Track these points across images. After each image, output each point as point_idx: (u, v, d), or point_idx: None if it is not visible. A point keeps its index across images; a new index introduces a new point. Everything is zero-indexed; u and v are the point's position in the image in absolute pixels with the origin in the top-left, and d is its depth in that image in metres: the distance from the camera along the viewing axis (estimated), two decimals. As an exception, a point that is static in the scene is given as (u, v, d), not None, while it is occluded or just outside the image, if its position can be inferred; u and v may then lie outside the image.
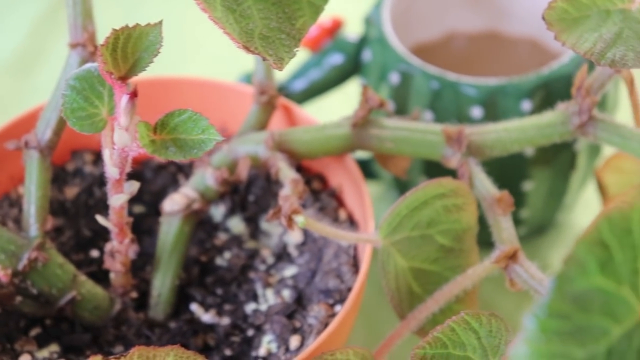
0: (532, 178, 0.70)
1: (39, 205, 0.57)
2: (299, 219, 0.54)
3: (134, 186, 0.53)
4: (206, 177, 0.60)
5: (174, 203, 0.59)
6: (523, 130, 0.59)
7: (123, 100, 0.48)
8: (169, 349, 0.49)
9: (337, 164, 0.62)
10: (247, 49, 0.48)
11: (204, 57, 0.90)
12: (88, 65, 0.50)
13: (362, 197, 0.60)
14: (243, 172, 0.59)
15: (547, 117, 0.59)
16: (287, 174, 0.57)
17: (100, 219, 0.55)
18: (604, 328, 0.36)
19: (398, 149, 0.60)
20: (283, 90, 0.72)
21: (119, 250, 0.56)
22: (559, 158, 0.70)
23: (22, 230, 0.57)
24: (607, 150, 0.74)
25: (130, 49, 0.48)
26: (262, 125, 0.62)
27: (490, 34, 0.79)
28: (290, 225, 0.54)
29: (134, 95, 0.48)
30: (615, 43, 0.52)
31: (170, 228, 0.59)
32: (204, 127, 0.48)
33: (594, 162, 0.73)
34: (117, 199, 0.53)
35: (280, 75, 0.74)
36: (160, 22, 0.49)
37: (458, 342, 0.50)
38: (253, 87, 0.62)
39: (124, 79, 0.48)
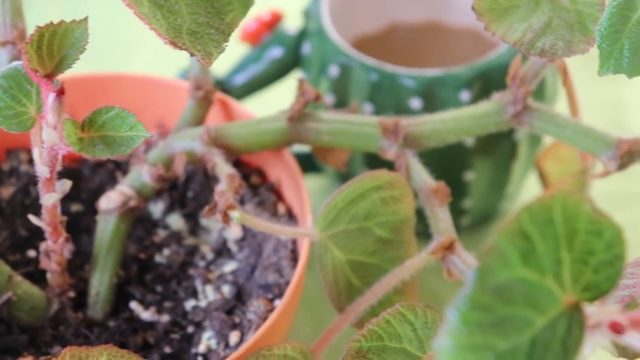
0: (474, 168, 0.70)
1: (-28, 206, 0.57)
2: (235, 215, 0.53)
3: (65, 185, 0.53)
4: (142, 174, 0.59)
5: (110, 201, 0.59)
6: (459, 120, 0.59)
7: (50, 98, 0.48)
8: (102, 348, 0.49)
9: (275, 158, 0.62)
10: (174, 44, 0.47)
11: (147, 54, 0.90)
12: (15, 63, 0.50)
13: (300, 191, 0.60)
14: (179, 168, 0.59)
15: (483, 107, 0.59)
16: (223, 169, 0.57)
17: (33, 218, 0.54)
18: (527, 319, 0.36)
19: (335, 141, 0.60)
20: (223, 85, 0.72)
21: (54, 250, 0.56)
22: (499, 148, 0.70)
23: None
24: (548, 139, 0.74)
25: (56, 46, 0.48)
26: (199, 120, 0.61)
27: (432, 25, 0.79)
28: (226, 221, 0.54)
29: (61, 92, 0.48)
30: (545, 32, 0.52)
31: (106, 226, 0.59)
32: (132, 124, 0.47)
33: (535, 151, 0.73)
34: (49, 198, 0.52)
35: (220, 70, 0.73)
36: (86, 19, 0.48)
37: (394, 334, 0.50)
38: (189, 82, 0.61)
39: (50, 76, 0.47)
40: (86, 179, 0.64)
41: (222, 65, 0.74)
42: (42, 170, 0.51)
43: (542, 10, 0.53)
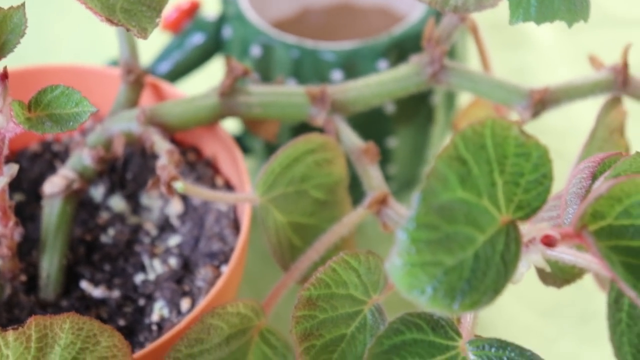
0: (395, 134, 0.73)
1: None
2: (178, 185, 0.56)
3: (13, 169, 0.54)
4: (83, 157, 0.61)
5: (54, 185, 0.61)
6: (382, 84, 0.62)
7: (-5, 82, 0.50)
8: (65, 316, 0.51)
9: (209, 134, 0.65)
10: (110, 21, 0.50)
11: (66, 51, 0.92)
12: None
13: (237, 162, 0.62)
14: (119, 148, 0.61)
15: (403, 70, 0.63)
16: (161, 146, 0.59)
17: (-19, 204, 0.56)
18: (469, 236, 0.40)
19: (266, 113, 0.63)
20: (148, 73, 0.74)
21: (4, 234, 0.58)
22: (417, 113, 0.73)
23: None
24: (463, 102, 0.78)
25: (-4, 32, 0.50)
26: (133, 103, 0.64)
27: (342, 6, 0.83)
28: (170, 192, 0.56)
29: (4, 77, 0.50)
30: (457, -10, 0.56)
31: (52, 209, 0.61)
32: (77, 100, 0.50)
33: (451, 115, 0.77)
34: (-1, 182, 0.54)
35: (145, 60, 0.76)
36: (23, 5, 0.51)
37: (340, 281, 0.53)
38: (120, 67, 0.64)
39: (-8, 61, 0.50)
40: (25, 169, 0.66)
41: (145, 54, 0.76)
42: (-11, 154, 0.53)
43: (452, -29, 0.56)
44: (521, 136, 0.41)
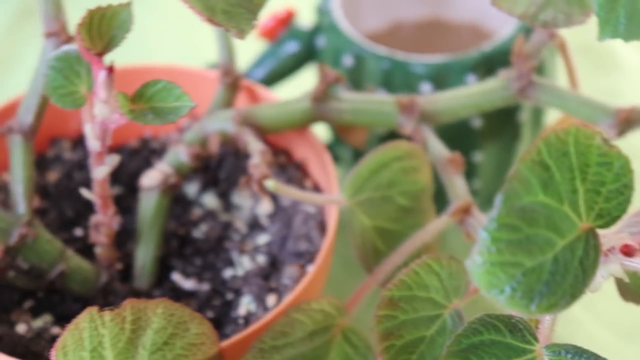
0: (481, 149, 0.75)
1: (26, 185, 0.61)
2: (269, 183, 0.58)
3: (114, 159, 0.57)
4: (180, 154, 0.64)
5: (151, 179, 0.64)
6: (469, 96, 0.64)
7: (101, 74, 0.53)
8: (158, 301, 0.53)
9: (300, 138, 0.67)
10: (211, 21, 0.52)
11: (162, 54, 0.95)
12: (66, 47, 0.55)
13: (326, 166, 0.64)
14: (214, 146, 0.64)
15: (491, 83, 0.64)
16: (255, 146, 0.62)
17: (85, 192, 0.59)
18: (549, 239, 0.41)
19: (356, 119, 0.65)
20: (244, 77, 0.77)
21: (103, 223, 0.61)
22: (504, 129, 0.75)
23: (10, 209, 0.61)
24: (549, 120, 0.79)
25: (105, 27, 0.53)
26: (228, 104, 0.66)
27: (434, 21, 0.85)
28: (262, 189, 0.59)
29: (111, 70, 0.53)
30: (546, 7, 0.57)
31: (149, 202, 0.64)
32: (178, 95, 0.52)
33: (537, 133, 0.78)
34: (100, 171, 0.57)
35: (241, 66, 0.79)
36: (130, 3, 0.53)
37: (422, 284, 0.55)
38: (218, 69, 0.66)
39: (100, 54, 0.52)
40: (124, 164, 0.69)
41: (241, 61, 0.79)
42: (93, 144, 0.56)
43: (544, -12, 0.58)
44: (604, 145, 0.42)
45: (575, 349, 0.46)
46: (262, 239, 0.65)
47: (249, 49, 0.81)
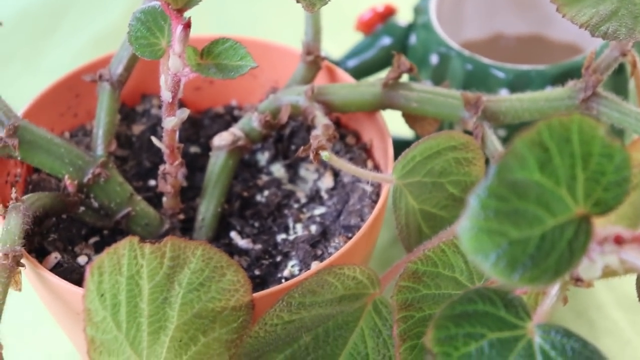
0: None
1: (106, 130, 0.66)
2: (324, 154, 0.62)
3: (184, 113, 0.62)
4: (252, 120, 0.68)
5: (222, 139, 0.68)
6: (534, 100, 0.66)
7: (178, 29, 0.57)
8: (198, 243, 0.57)
9: (369, 121, 0.70)
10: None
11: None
12: (154, 2, 0.59)
13: (387, 149, 0.68)
14: (284, 116, 0.67)
15: (557, 91, 0.66)
16: (320, 120, 0.65)
17: (154, 140, 0.64)
18: (539, 216, 0.44)
19: (422, 109, 0.68)
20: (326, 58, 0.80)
21: (170, 172, 0.65)
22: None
23: (91, 151, 0.67)
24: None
25: (187, -14, 0.57)
26: (307, 81, 0.70)
27: (535, 37, 0.87)
28: (317, 158, 0.62)
29: (187, 25, 0.57)
30: (611, 19, 0.59)
31: (217, 160, 0.68)
32: (243, 54, 0.56)
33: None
34: (170, 122, 0.62)
35: (336, 55, 0.82)
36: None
37: (447, 263, 0.57)
38: (302, 48, 0.70)
39: (180, 11, 0.57)
40: (205, 127, 0.74)
41: (338, 50, 0.83)
42: (166, 95, 0.60)
43: (611, 1, 0.60)
44: (607, 138, 0.44)
45: (566, 331, 0.47)
46: (319, 210, 0.69)
47: (346, 40, 0.85)
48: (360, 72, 0.81)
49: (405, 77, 0.70)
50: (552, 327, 0.48)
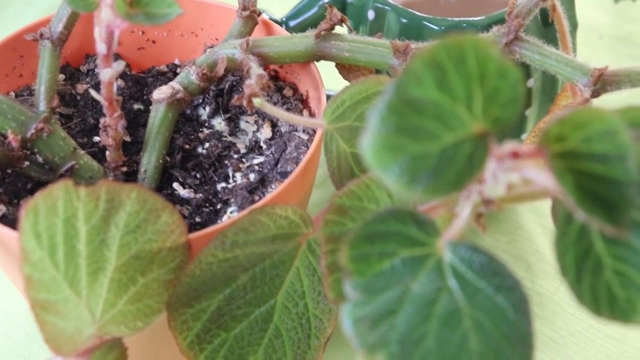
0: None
1: (48, 86, 0.69)
2: (257, 101, 0.64)
3: (120, 65, 0.64)
4: (190, 74, 0.71)
5: (161, 92, 0.70)
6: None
7: (107, -21, 0.59)
8: (132, 186, 0.60)
9: (305, 73, 0.73)
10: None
11: None
12: (86, -44, 0.62)
13: (320, 97, 0.70)
14: (220, 69, 0.70)
15: (482, 36, 0.69)
16: (255, 71, 0.68)
17: (93, 92, 0.66)
18: (438, 132, 0.46)
19: (353, 58, 0.70)
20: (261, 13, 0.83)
21: (110, 125, 0.67)
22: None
23: (34, 107, 0.69)
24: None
25: (117, -61, 0.59)
26: (243, 36, 0.73)
27: (476, -2, 0.89)
28: (250, 106, 0.65)
29: (118, -23, 0.59)
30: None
31: (157, 113, 0.70)
32: (170, 2, 0.59)
33: (549, 102, 0.82)
34: (106, 73, 0.64)
35: (278, 14, 0.85)
36: None
37: (372, 197, 0.60)
38: (237, 3, 0.73)
39: (108, -38, 0.59)
40: (149, 84, 0.76)
41: (281, 10, 0.85)
42: (100, 47, 0.62)
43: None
44: (501, 57, 0.47)
45: (474, 247, 0.50)
46: (258, 160, 0.71)
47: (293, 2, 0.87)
48: (302, 30, 0.83)
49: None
50: (460, 244, 0.50)
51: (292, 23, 0.84)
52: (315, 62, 0.72)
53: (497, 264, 0.50)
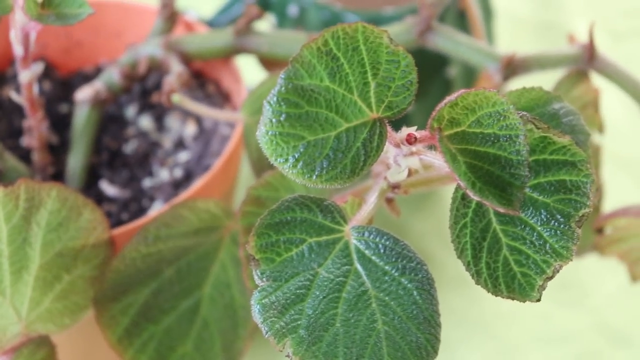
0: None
1: (-29, 91, 0.70)
2: (175, 97, 0.65)
3: (39, 66, 0.65)
4: (112, 73, 0.72)
5: (84, 93, 0.71)
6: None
7: (19, -17, 0.60)
8: (52, 184, 0.61)
9: (226, 69, 0.74)
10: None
11: None
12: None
13: (240, 91, 0.71)
14: (142, 68, 0.71)
15: (396, 27, 0.70)
16: (174, 68, 0.69)
17: (13, 95, 0.67)
18: (332, 120, 0.47)
19: (272, 52, 0.71)
20: (210, 25, 0.84)
21: (33, 126, 0.68)
22: (433, 84, 0.81)
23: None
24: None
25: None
26: (165, 35, 0.74)
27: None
28: (168, 102, 0.66)
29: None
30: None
31: (81, 114, 0.71)
32: (81, 3, 0.60)
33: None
34: (25, 75, 0.65)
35: (206, 13, 0.86)
36: None
37: (288, 187, 0.61)
38: (158, 3, 0.74)
39: (20, -34, 0.60)
40: (75, 87, 0.77)
41: (208, 9, 0.86)
42: (17, 49, 0.63)
43: None
44: (391, 44, 0.48)
45: (379, 231, 0.51)
46: (183, 156, 0.72)
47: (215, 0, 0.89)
48: (230, 28, 0.85)
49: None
50: (366, 228, 0.52)
51: (221, 20, 0.85)
52: (236, 56, 0.73)
53: (403, 246, 0.51)
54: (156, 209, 0.69)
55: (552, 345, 0.77)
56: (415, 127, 0.50)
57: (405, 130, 0.50)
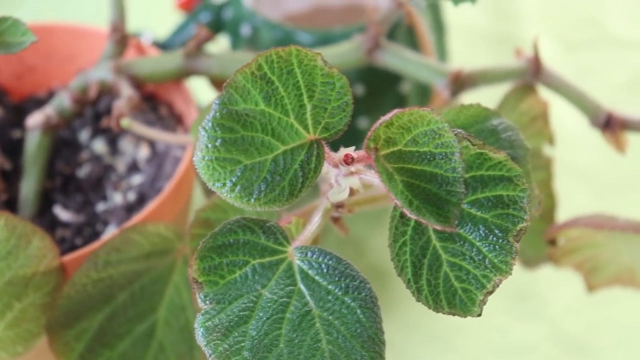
0: (367, 116, 0.81)
1: None
2: (124, 122, 0.66)
3: (-13, 94, 0.65)
4: (63, 98, 0.72)
5: (35, 119, 0.71)
6: (327, 57, 0.70)
7: (-37, 13, 0.60)
8: (0, 213, 0.61)
9: (178, 92, 0.74)
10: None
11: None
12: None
13: (191, 113, 0.72)
14: (92, 92, 0.71)
15: (345, 45, 0.71)
16: (125, 92, 0.69)
17: (-37, 123, 0.67)
18: (268, 143, 0.48)
19: (222, 73, 0.72)
20: (165, 47, 0.84)
21: (-16, 154, 0.69)
22: (387, 100, 0.81)
23: None
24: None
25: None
26: (115, 58, 0.74)
27: (354, 7, 0.91)
28: (117, 126, 0.66)
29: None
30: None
31: (32, 139, 0.71)
32: (24, 31, 0.60)
33: (425, 105, 0.84)
34: (-27, 104, 0.65)
35: (161, 35, 0.86)
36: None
37: (237, 209, 0.61)
38: (108, 27, 0.74)
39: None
40: (28, 112, 0.77)
41: (162, 30, 0.87)
42: (-36, 78, 0.64)
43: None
44: (326, 66, 0.49)
45: (322, 251, 0.51)
46: (137, 179, 0.73)
47: (168, 21, 0.89)
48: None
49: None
50: (309, 248, 0.52)
51: (175, 41, 0.85)
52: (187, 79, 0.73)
53: (346, 265, 0.51)
54: (110, 233, 0.69)
55: (511, 357, 0.77)
56: (354, 147, 0.50)
57: (343, 151, 0.50)
